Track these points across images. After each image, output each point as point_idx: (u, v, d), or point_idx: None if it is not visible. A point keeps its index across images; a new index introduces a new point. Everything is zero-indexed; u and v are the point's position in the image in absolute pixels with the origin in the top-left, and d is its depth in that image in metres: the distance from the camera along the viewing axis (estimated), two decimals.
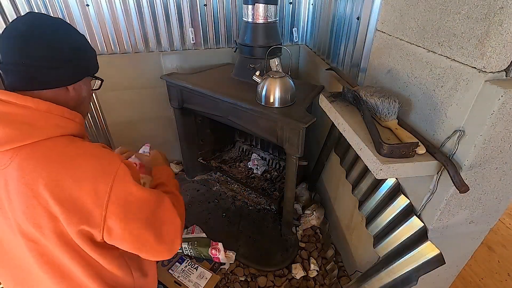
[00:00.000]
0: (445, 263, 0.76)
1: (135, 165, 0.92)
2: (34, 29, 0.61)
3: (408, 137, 0.74)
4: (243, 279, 1.39)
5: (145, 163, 0.95)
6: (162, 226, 0.69)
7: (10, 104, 0.58)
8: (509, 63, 0.59)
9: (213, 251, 1.40)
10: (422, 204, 0.81)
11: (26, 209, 0.58)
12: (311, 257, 1.47)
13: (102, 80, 0.80)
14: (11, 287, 0.73)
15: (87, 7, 1.49)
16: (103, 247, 0.67)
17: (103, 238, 0.63)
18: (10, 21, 1.31)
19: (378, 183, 1.00)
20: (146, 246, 0.67)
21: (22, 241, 0.63)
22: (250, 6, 1.31)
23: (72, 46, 0.67)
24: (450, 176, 0.65)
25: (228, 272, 1.41)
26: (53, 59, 0.62)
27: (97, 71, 0.77)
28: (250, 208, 1.74)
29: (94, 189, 0.59)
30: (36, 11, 1.46)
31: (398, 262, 0.89)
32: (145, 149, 1.06)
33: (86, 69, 0.73)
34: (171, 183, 0.84)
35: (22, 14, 1.50)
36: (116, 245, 0.66)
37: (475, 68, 0.61)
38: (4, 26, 1.45)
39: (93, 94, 1.76)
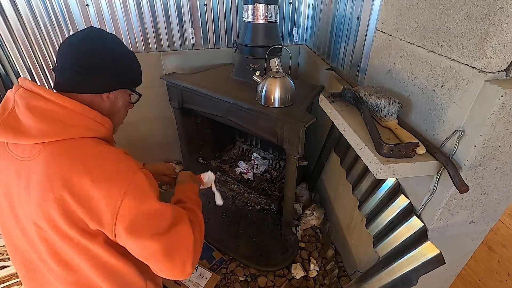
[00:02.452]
0: (445, 263, 0.76)
1: None
2: (85, 41, 0.69)
3: (408, 137, 0.74)
4: (243, 279, 1.39)
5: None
6: (173, 242, 0.66)
7: (50, 101, 0.64)
8: (509, 63, 0.59)
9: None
10: (422, 204, 0.81)
11: (42, 201, 0.61)
12: (311, 257, 1.47)
13: (140, 95, 0.83)
14: (23, 274, 0.75)
15: (87, 7, 1.49)
16: (111, 246, 0.67)
17: (115, 239, 0.64)
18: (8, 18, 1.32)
19: (378, 183, 1.00)
20: (153, 259, 0.66)
21: (34, 230, 0.65)
22: (250, 6, 1.31)
23: (114, 58, 0.71)
24: (450, 176, 0.65)
25: (228, 272, 1.41)
26: (92, 66, 0.68)
27: (137, 85, 0.82)
28: (250, 208, 1.74)
29: (109, 191, 0.61)
30: (36, 11, 1.46)
31: (398, 262, 0.89)
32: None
33: (123, 81, 0.76)
34: (192, 201, 0.84)
35: (22, 14, 1.50)
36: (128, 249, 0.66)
37: (475, 68, 0.61)
38: (4, 26, 1.46)
39: None
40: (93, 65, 0.68)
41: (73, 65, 0.67)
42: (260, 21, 1.33)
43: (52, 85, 0.69)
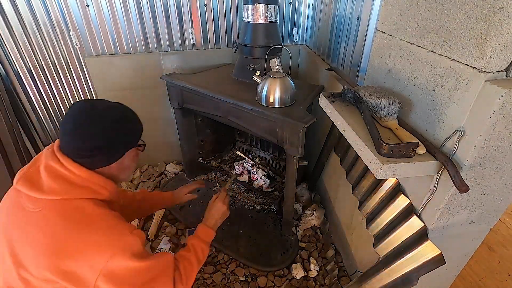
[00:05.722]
0: (445, 263, 0.76)
1: None
2: (74, 126, 0.72)
3: (408, 137, 0.74)
4: (243, 279, 1.39)
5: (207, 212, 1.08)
6: None
7: (63, 166, 0.72)
8: (509, 63, 0.59)
9: None
10: (422, 204, 0.81)
11: (33, 251, 0.67)
12: (311, 257, 1.47)
13: (144, 145, 0.87)
14: None
15: (87, 7, 1.49)
16: None
17: None
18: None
19: (378, 183, 1.00)
20: None
21: (16, 276, 0.69)
22: (250, 6, 1.31)
23: (113, 133, 0.75)
24: (450, 176, 0.65)
25: (228, 272, 1.41)
26: (94, 149, 0.73)
27: (139, 138, 0.84)
28: (250, 208, 1.74)
29: (94, 257, 0.66)
30: (36, 11, 1.46)
31: (398, 262, 0.89)
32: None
33: (127, 146, 0.80)
34: (195, 250, 0.92)
35: (22, 14, 1.50)
36: None
37: (475, 68, 0.61)
38: (4, 26, 1.46)
39: (94, 95, 1.76)
40: (94, 148, 0.73)
41: (76, 150, 0.72)
42: (260, 21, 1.33)
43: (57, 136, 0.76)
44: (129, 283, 0.70)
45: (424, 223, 0.81)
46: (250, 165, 1.81)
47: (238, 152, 1.67)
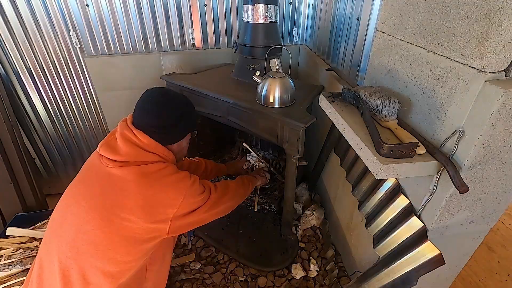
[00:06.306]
0: (445, 263, 0.76)
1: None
2: (152, 107, 0.93)
3: (408, 137, 0.74)
4: (243, 279, 1.39)
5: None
6: (213, 203, 1.00)
7: (135, 135, 0.89)
8: (508, 63, 0.59)
9: None
10: (422, 204, 0.81)
11: (116, 198, 0.84)
12: (311, 257, 1.47)
13: (197, 131, 1.10)
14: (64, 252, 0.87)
15: (87, 7, 1.49)
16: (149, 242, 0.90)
17: (168, 233, 0.89)
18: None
19: (378, 183, 1.00)
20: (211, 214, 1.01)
21: (96, 218, 0.85)
22: (250, 6, 1.31)
23: (177, 115, 0.95)
24: (450, 176, 0.65)
25: (228, 272, 1.41)
26: (160, 127, 0.92)
27: (196, 124, 1.06)
28: (250, 208, 1.74)
29: (171, 197, 0.88)
30: (36, 11, 1.46)
31: (398, 262, 0.89)
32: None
33: (188, 129, 1.02)
34: (237, 182, 1.26)
35: (22, 14, 1.49)
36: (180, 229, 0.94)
37: (474, 68, 0.61)
38: (4, 26, 1.46)
39: (94, 95, 1.76)
40: (166, 125, 0.93)
41: (151, 127, 0.91)
42: (260, 21, 1.33)
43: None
44: (194, 208, 0.93)
45: (423, 223, 0.81)
46: (254, 159, 1.80)
47: (244, 144, 1.67)
